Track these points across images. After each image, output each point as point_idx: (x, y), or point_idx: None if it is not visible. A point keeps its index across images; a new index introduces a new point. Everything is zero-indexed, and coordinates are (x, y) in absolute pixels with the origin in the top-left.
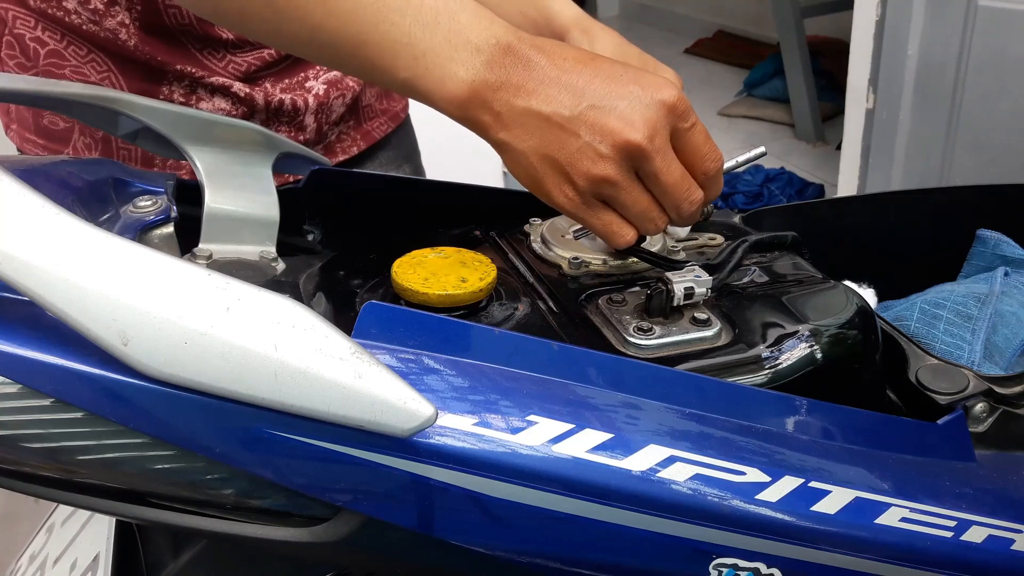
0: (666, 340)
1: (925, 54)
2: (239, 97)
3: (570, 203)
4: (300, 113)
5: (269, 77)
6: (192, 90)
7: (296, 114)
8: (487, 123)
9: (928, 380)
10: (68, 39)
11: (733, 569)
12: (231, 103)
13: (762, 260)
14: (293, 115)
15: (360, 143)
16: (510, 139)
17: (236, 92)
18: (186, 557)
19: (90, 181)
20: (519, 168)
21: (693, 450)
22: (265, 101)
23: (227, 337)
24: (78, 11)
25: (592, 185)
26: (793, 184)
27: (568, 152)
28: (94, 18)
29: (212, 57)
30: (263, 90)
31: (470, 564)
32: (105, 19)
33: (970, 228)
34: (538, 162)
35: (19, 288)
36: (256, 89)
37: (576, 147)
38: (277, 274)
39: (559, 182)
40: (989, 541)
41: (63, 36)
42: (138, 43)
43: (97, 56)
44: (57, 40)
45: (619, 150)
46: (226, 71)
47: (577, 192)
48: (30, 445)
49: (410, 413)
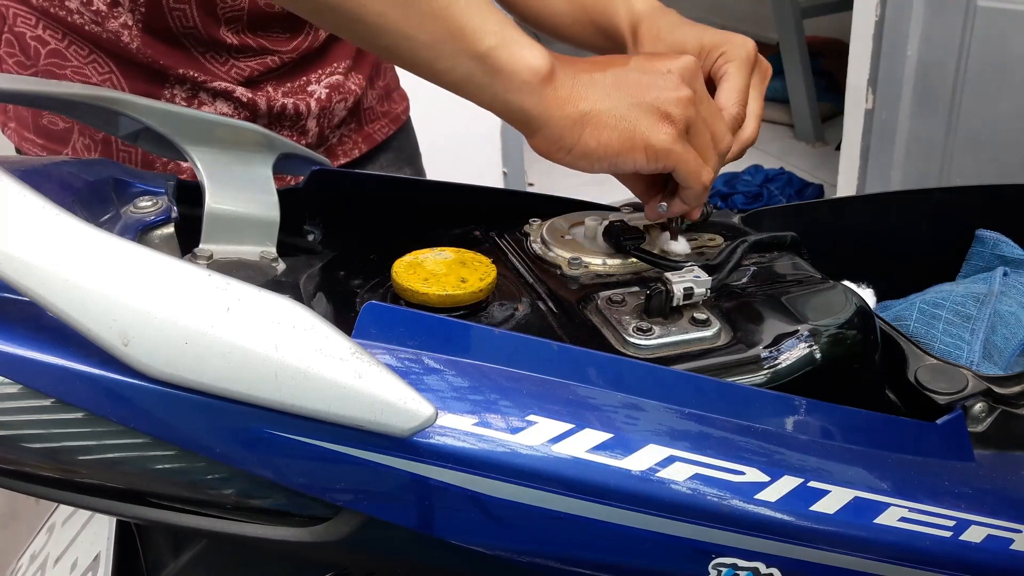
0: (665, 340)
1: (924, 54)
2: (242, 102)
3: (670, 138)
4: (302, 117)
5: (271, 81)
6: (194, 94)
7: (298, 118)
8: (566, 96)
9: (927, 380)
10: (70, 39)
11: (732, 569)
12: (233, 107)
13: (761, 260)
14: (295, 119)
15: (362, 146)
16: (595, 104)
17: (239, 97)
18: (186, 557)
19: (90, 181)
20: (608, 131)
21: (692, 450)
22: (268, 106)
23: (227, 337)
24: (80, 11)
25: (683, 108)
26: (792, 184)
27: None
28: (96, 19)
29: (215, 61)
30: (265, 94)
31: (470, 564)
32: (108, 20)
33: (969, 228)
34: (630, 111)
35: (20, 288)
36: (258, 94)
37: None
38: (277, 274)
39: (655, 121)
40: (988, 541)
41: (64, 36)
42: (140, 45)
43: (99, 57)
44: (58, 39)
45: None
46: (228, 75)
47: (673, 125)
48: (31, 445)
49: (410, 413)
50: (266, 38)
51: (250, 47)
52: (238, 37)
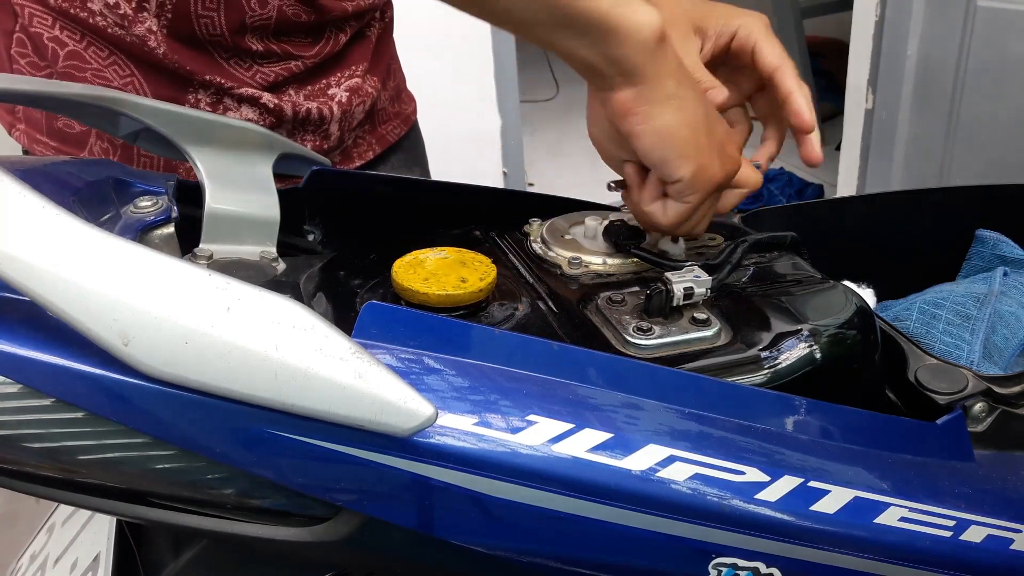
0: (665, 340)
1: (924, 54)
2: (268, 108)
3: (705, 181)
4: (326, 122)
5: (293, 85)
6: (219, 99)
7: (322, 123)
8: (669, 71)
9: (927, 380)
10: (88, 40)
11: (732, 568)
12: (259, 113)
13: (761, 260)
14: (319, 124)
15: (376, 147)
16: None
17: (265, 103)
18: (186, 557)
19: (90, 181)
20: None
21: (692, 450)
22: (293, 111)
23: (228, 337)
24: (104, 14)
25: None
26: (792, 184)
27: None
28: (122, 23)
29: (239, 67)
30: (290, 100)
31: (470, 564)
32: (134, 25)
33: (969, 228)
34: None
35: (20, 288)
36: (284, 99)
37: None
38: (277, 274)
39: (712, 157)
40: (988, 540)
41: (83, 37)
42: (167, 51)
43: (119, 59)
44: (77, 41)
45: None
46: (253, 80)
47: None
48: (31, 445)
49: (410, 413)
50: (290, 43)
51: (274, 53)
52: (263, 43)
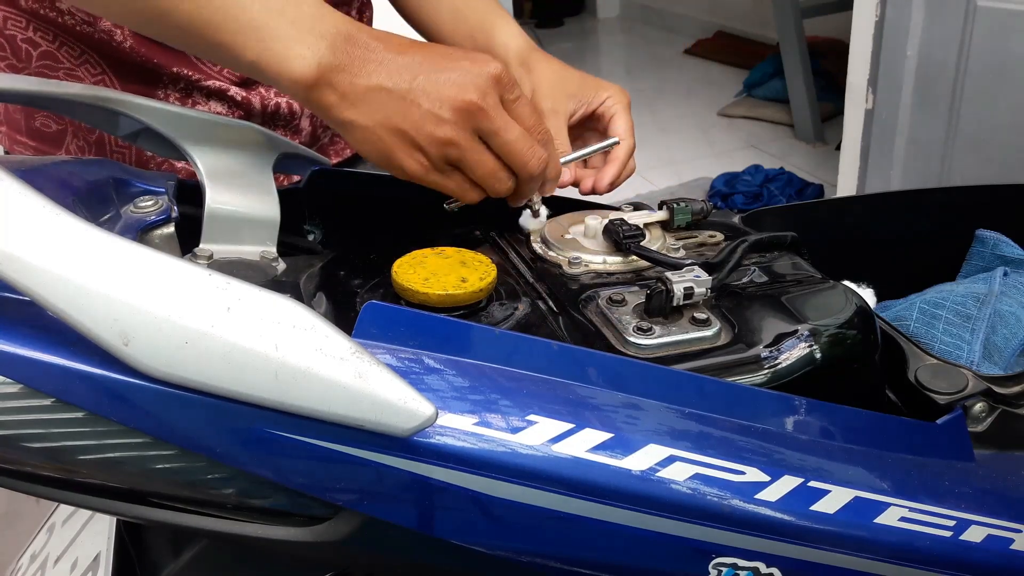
0: (666, 340)
1: (924, 54)
2: (236, 101)
3: (422, 168)
4: (296, 116)
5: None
6: (188, 93)
7: (292, 117)
8: (332, 103)
9: (927, 380)
10: (61, 40)
11: (732, 568)
12: (227, 107)
13: (761, 260)
14: (289, 119)
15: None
16: (356, 116)
17: (233, 96)
18: (186, 557)
19: (91, 181)
20: (368, 145)
21: (693, 450)
22: (262, 105)
23: (228, 337)
24: (72, 12)
25: (438, 148)
26: (793, 184)
27: (412, 120)
28: (88, 18)
29: (208, 61)
30: (259, 94)
31: (470, 564)
32: (99, 20)
33: (969, 228)
34: (386, 135)
35: (20, 288)
36: (252, 93)
37: (419, 115)
38: (278, 274)
39: (409, 151)
40: (988, 540)
41: (55, 37)
42: (133, 45)
43: (91, 57)
44: (49, 41)
45: (457, 112)
46: (221, 74)
47: (427, 157)
48: (31, 445)
49: (410, 413)
50: None
51: None
52: None
